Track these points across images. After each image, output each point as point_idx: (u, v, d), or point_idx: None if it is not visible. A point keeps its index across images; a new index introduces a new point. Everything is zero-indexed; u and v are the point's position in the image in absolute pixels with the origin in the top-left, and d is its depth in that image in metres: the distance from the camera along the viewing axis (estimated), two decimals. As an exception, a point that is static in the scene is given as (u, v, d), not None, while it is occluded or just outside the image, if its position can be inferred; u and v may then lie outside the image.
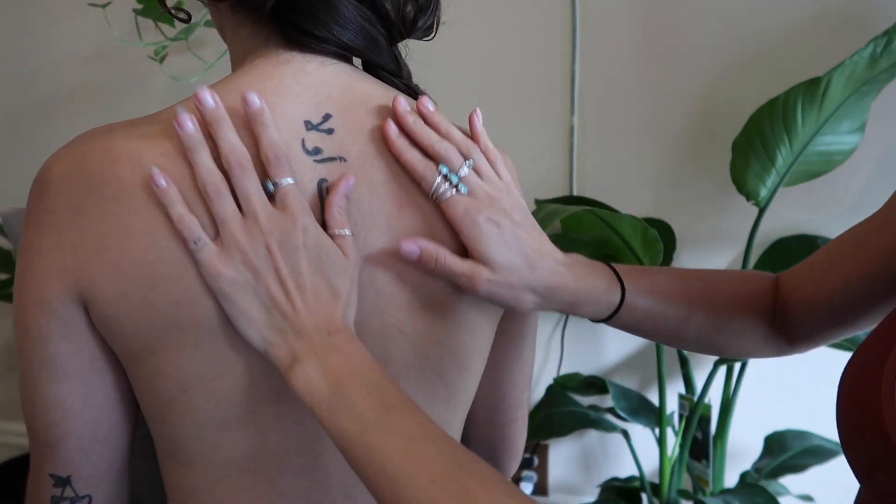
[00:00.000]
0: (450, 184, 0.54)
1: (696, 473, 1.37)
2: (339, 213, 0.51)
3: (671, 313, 0.64)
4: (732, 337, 0.67)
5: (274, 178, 0.49)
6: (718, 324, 0.66)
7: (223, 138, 0.48)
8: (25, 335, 0.50)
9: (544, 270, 0.57)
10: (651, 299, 0.63)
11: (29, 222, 0.50)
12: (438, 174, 0.54)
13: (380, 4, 0.54)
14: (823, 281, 0.63)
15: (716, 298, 0.65)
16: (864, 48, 1.14)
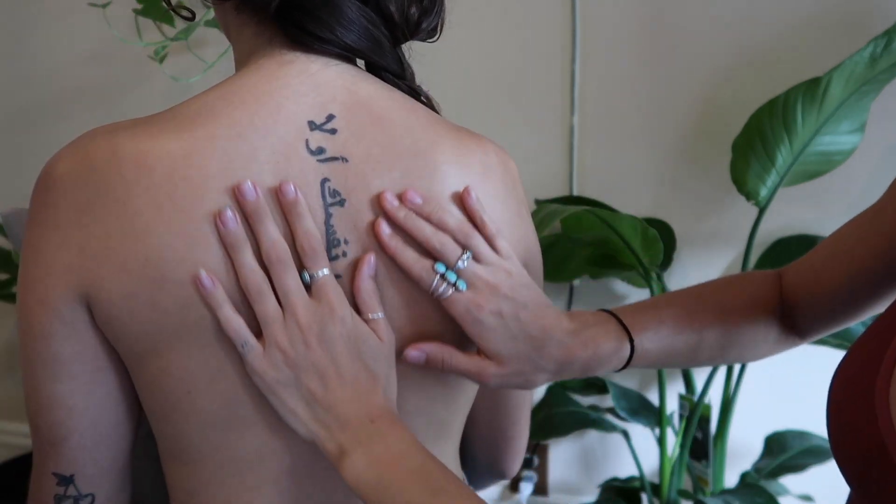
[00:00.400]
0: (448, 283, 0.54)
1: (696, 473, 1.37)
2: (368, 297, 0.52)
3: (682, 345, 0.65)
4: (746, 347, 0.68)
5: (310, 270, 0.50)
6: (730, 339, 0.66)
7: (264, 233, 0.50)
8: (29, 334, 0.50)
9: (552, 348, 0.58)
10: (661, 341, 0.64)
11: (33, 221, 0.50)
12: (435, 274, 0.54)
13: (384, 6, 0.54)
14: (826, 277, 0.63)
15: (724, 316, 0.66)
16: (864, 48, 1.14)
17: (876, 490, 0.44)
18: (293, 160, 0.51)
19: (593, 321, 0.62)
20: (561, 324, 0.59)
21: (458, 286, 0.55)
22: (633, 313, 0.64)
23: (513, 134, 1.48)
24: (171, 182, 0.48)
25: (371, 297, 0.52)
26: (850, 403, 0.47)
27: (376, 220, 0.52)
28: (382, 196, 0.52)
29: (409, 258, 0.53)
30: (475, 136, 0.59)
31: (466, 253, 0.55)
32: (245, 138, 0.50)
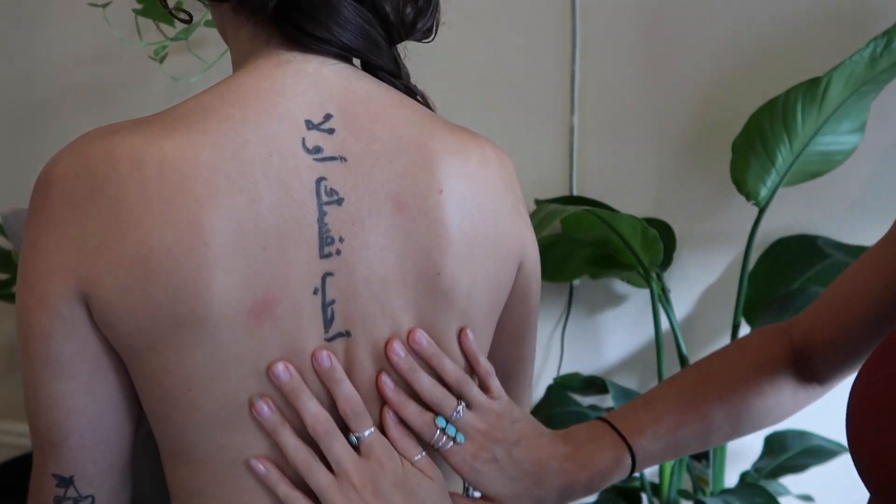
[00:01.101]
0: (447, 436, 0.58)
1: (696, 473, 1.37)
2: (405, 444, 0.56)
3: (688, 436, 0.65)
4: (762, 415, 0.67)
5: (356, 433, 0.54)
6: (741, 414, 0.66)
7: (305, 409, 0.52)
8: (28, 334, 0.50)
9: (552, 479, 0.60)
10: (662, 439, 0.64)
11: (32, 221, 0.50)
12: (436, 429, 0.57)
13: (379, 6, 0.54)
14: (846, 315, 0.62)
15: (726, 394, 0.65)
16: (864, 48, 1.14)
17: None
18: (287, 157, 0.51)
19: (587, 438, 0.63)
20: (556, 451, 0.61)
21: (456, 439, 0.58)
22: (629, 417, 0.65)
23: (513, 134, 1.48)
24: (161, 175, 0.48)
25: (408, 442, 0.56)
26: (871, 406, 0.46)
27: (379, 376, 0.55)
28: (391, 346, 0.55)
29: (411, 413, 0.56)
30: (472, 133, 0.59)
31: (461, 405, 0.58)
32: (238, 132, 0.50)
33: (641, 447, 0.63)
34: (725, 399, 0.65)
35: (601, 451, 0.62)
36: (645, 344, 1.55)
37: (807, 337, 0.65)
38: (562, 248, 1.42)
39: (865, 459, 0.46)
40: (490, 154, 0.59)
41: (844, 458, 1.36)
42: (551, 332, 1.59)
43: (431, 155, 0.55)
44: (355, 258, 0.53)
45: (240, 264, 0.49)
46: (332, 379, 0.53)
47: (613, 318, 1.56)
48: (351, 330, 0.54)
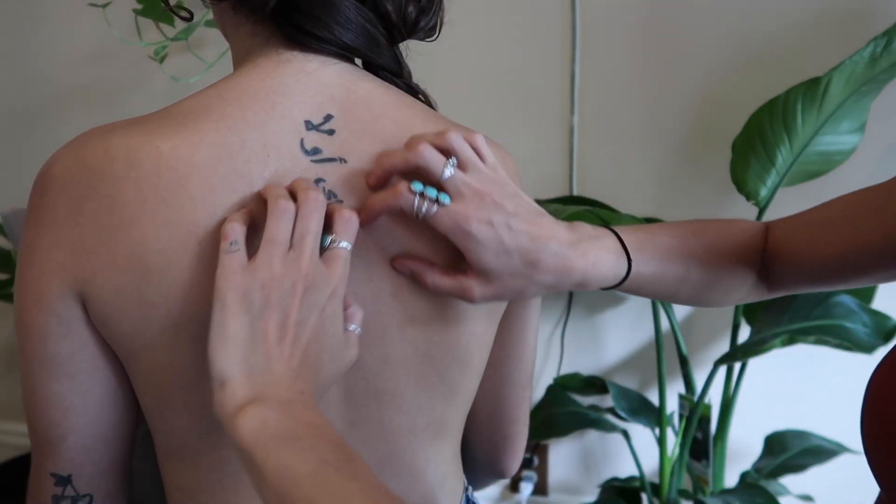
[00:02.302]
0: (429, 200, 0.52)
1: (696, 473, 1.37)
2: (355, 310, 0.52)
3: (670, 276, 0.63)
4: (723, 290, 0.66)
5: (335, 235, 0.49)
6: (712, 280, 0.64)
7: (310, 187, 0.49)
8: (26, 333, 0.50)
9: (548, 259, 0.55)
10: (654, 265, 0.61)
11: (30, 221, 0.50)
12: (413, 195, 0.51)
13: (381, 5, 0.54)
14: (820, 243, 0.61)
15: (711, 256, 0.64)
16: (864, 48, 1.14)
17: None
18: (285, 157, 0.51)
19: (593, 234, 0.59)
20: (557, 233, 0.56)
21: (440, 200, 0.52)
22: (632, 233, 0.62)
23: (513, 134, 1.48)
24: (157, 174, 0.48)
25: (358, 310, 0.52)
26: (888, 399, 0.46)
27: None
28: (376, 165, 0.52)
29: (377, 197, 0.51)
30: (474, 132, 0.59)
31: (451, 159, 0.52)
32: (235, 131, 0.50)
33: (636, 264, 0.60)
34: (708, 259, 0.64)
35: (602, 249, 0.58)
36: (645, 344, 1.55)
37: (779, 243, 0.65)
38: (561, 248, 1.42)
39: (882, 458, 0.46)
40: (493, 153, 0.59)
41: (844, 458, 1.37)
42: (551, 332, 1.59)
43: None
44: (356, 259, 0.53)
45: None
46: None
47: (613, 318, 1.56)
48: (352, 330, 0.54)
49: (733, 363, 1.32)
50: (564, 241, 0.56)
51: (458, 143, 0.53)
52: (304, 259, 0.47)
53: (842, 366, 1.30)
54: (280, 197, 0.47)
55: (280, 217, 0.47)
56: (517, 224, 0.54)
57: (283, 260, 0.47)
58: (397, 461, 0.58)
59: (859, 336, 1.21)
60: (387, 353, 0.55)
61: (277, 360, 0.46)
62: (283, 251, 0.47)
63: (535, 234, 0.54)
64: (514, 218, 0.54)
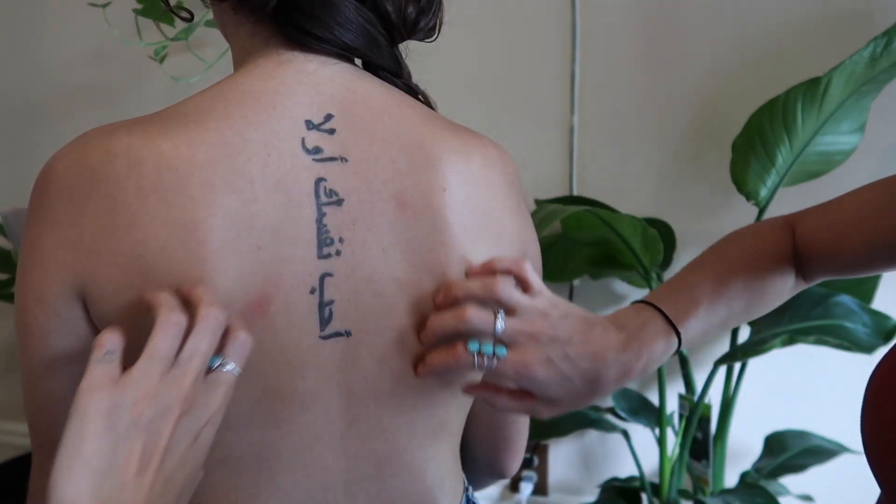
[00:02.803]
0: (486, 357, 0.53)
1: (696, 473, 1.37)
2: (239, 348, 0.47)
3: (716, 322, 0.65)
4: (768, 303, 0.68)
5: (227, 358, 0.46)
6: (756, 305, 0.67)
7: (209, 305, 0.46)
8: (26, 333, 0.50)
9: (610, 371, 0.57)
10: (699, 324, 0.63)
11: (31, 221, 0.50)
12: (471, 356, 0.53)
13: (381, 5, 0.54)
14: (844, 242, 0.64)
15: (750, 281, 0.66)
16: (864, 48, 1.14)
17: None
18: (286, 157, 0.51)
19: (639, 324, 0.60)
20: (611, 342, 0.57)
21: (497, 355, 0.53)
22: (672, 301, 0.63)
23: (513, 134, 1.48)
24: (158, 174, 0.48)
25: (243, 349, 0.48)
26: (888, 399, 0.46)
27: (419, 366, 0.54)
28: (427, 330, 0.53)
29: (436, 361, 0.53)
30: (473, 132, 0.59)
31: (500, 312, 0.54)
32: (236, 131, 0.50)
33: (685, 331, 0.61)
34: (747, 287, 0.65)
35: (654, 339, 0.60)
36: (645, 344, 1.55)
37: (806, 243, 0.67)
38: (562, 248, 1.42)
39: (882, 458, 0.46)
40: (492, 153, 0.59)
41: (844, 458, 1.37)
42: (551, 332, 1.59)
43: (434, 154, 0.55)
44: (356, 259, 0.53)
45: (234, 263, 0.49)
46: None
47: (613, 318, 1.56)
48: (351, 329, 0.54)
49: (733, 363, 1.32)
50: (618, 348, 0.58)
51: (506, 293, 0.54)
52: (188, 380, 0.43)
53: (842, 366, 1.30)
54: (173, 309, 0.44)
55: (168, 331, 0.44)
56: (573, 351, 0.55)
57: (163, 378, 0.42)
58: (397, 461, 0.58)
59: (859, 336, 1.21)
60: (386, 355, 0.55)
61: (134, 492, 0.41)
62: (163, 368, 0.43)
63: (592, 353, 0.56)
64: (569, 345, 0.55)
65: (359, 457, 0.56)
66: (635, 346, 0.58)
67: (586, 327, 0.57)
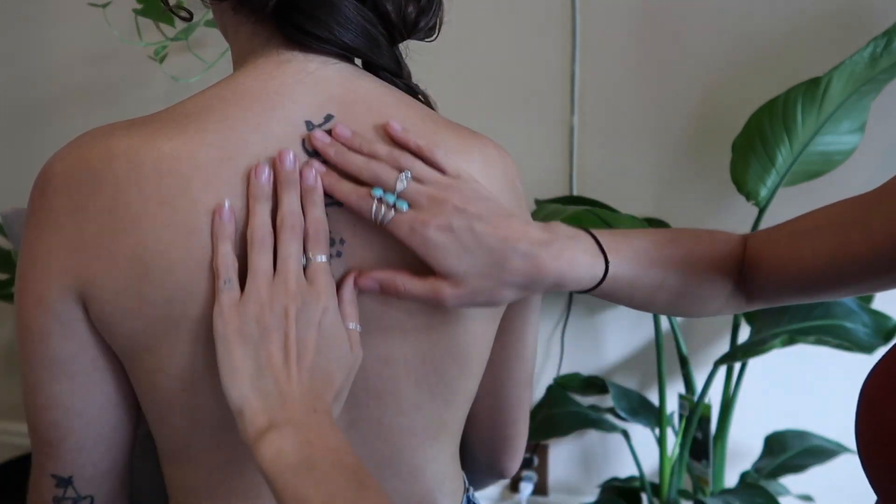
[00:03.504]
0: (386, 205, 0.51)
1: (696, 473, 1.37)
2: (350, 307, 0.52)
3: (647, 282, 0.61)
4: (699, 301, 0.65)
5: (310, 253, 0.50)
6: (688, 290, 0.64)
7: (288, 201, 0.50)
8: (26, 334, 0.50)
9: (517, 260, 0.53)
10: (631, 269, 0.60)
11: (31, 221, 0.50)
12: (372, 200, 0.51)
13: (381, 5, 0.54)
14: (804, 252, 0.60)
15: (689, 265, 0.63)
16: (864, 48, 1.14)
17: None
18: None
19: (569, 234, 0.57)
20: (528, 234, 0.54)
21: (398, 207, 0.51)
22: (609, 235, 0.60)
23: (513, 134, 1.48)
24: (159, 176, 0.48)
25: (353, 307, 0.52)
26: (882, 406, 0.46)
27: (310, 161, 0.51)
28: (311, 137, 0.51)
29: (344, 189, 0.51)
30: (474, 132, 0.59)
31: (405, 173, 0.52)
32: (236, 132, 0.50)
33: (613, 266, 0.58)
34: (686, 268, 0.63)
35: (579, 251, 0.57)
36: (645, 344, 1.55)
37: (759, 252, 0.64)
38: (562, 248, 1.42)
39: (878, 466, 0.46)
40: (493, 153, 0.59)
41: (844, 458, 1.37)
42: (551, 332, 1.59)
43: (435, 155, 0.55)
44: (356, 259, 0.53)
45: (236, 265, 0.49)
46: (310, 199, 0.50)
47: (613, 318, 1.56)
48: None
49: (733, 363, 1.32)
50: (536, 242, 0.54)
51: (408, 162, 0.53)
52: (290, 282, 0.49)
53: (842, 366, 1.30)
54: (259, 228, 0.49)
55: (262, 245, 0.49)
56: (481, 227, 0.53)
57: (270, 287, 0.49)
58: (397, 461, 0.58)
59: (859, 336, 1.21)
60: (387, 353, 0.55)
61: (286, 381, 0.47)
62: (268, 280, 0.49)
63: (502, 236, 0.53)
64: (477, 221, 0.53)
65: (360, 457, 0.56)
66: (556, 246, 0.55)
67: (504, 214, 0.54)
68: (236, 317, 0.48)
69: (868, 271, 0.56)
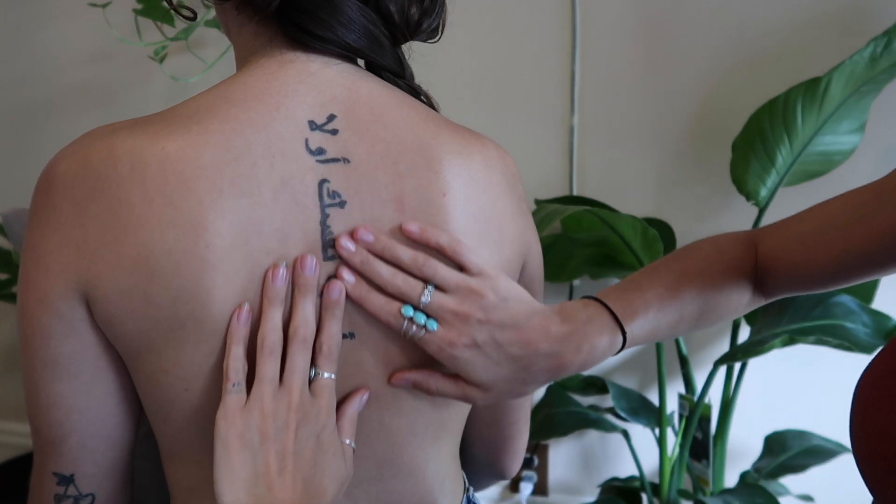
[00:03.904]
0: (416, 325, 0.53)
1: (696, 473, 1.37)
2: (349, 424, 0.53)
3: (665, 325, 0.63)
4: (720, 313, 0.67)
5: (320, 368, 0.52)
6: (708, 309, 0.65)
7: (302, 308, 0.51)
8: (29, 333, 0.50)
9: (541, 362, 0.56)
10: (648, 324, 0.62)
11: (33, 222, 0.50)
12: (403, 319, 0.53)
13: (383, 6, 0.54)
14: (817, 250, 0.62)
15: (704, 289, 0.64)
16: (864, 48, 1.14)
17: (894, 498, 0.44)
18: (290, 158, 0.51)
19: (584, 318, 0.59)
20: (549, 332, 0.56)
21: (427, 327, 0.53)
22: (621, 299, 0.62)
23: (513, 134, 1.48)
24: (163, 176, 0.48)
25: (351, 423, 0.54)
26: (876, 405, 0.46)
27: (338, 270, 0.52)
28: (338, 242, 0.52)
29: (375, 305, 0.53)
30: (474, 133, 0.59)
31: (428, 287, 0.53)
32: (240, 133, 0.50)
33: (631, 331, 0.60)
34: (700, 294, 0.64)
35: (597, 334, 0.58)
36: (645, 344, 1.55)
37: (772, 257, 0.65)
38: (562, 248, 1.42)
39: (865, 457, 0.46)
40: (493, 154, 0.59)
41: (844, 458, 1.37)
42: (551, 332, 1.59)
43: (435, 156, 0.55)
44: None
45: (240, 266, 0.49)
46: (329, 313, 0.51)
47: (613, 318, 1.56)
48: (355, 332, 0.54)
49: (733, 363, 1.32)
50: (556, 339, 0.56)
51: (430, 269, 0.54)
52: (294, 395, 0.50)
53: (842, 366, 1.30)
54: (270, 334, 0.50)
55: (271, 353, 0.50)
56: (504, 336, 0.55)
57: (275, 397, 0.50)
58: (397, 461, 0.58)
59: (859, 336, 1.21)
60: (388, 354, 0.55)
61: (280, 490, 0.48)
62: (273, 388, 0.50)
63: (524, 341, 0.55)
64: (500, 330, 0.55)
65: (359, 457, 0.56)
66: (576, 339, 0.57)
67: (525, 314, 0.56)
68: (240, 422, 0.49)
69: (874, 262, 0.59)
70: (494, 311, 0.55)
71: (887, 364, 0.46)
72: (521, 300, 0.57)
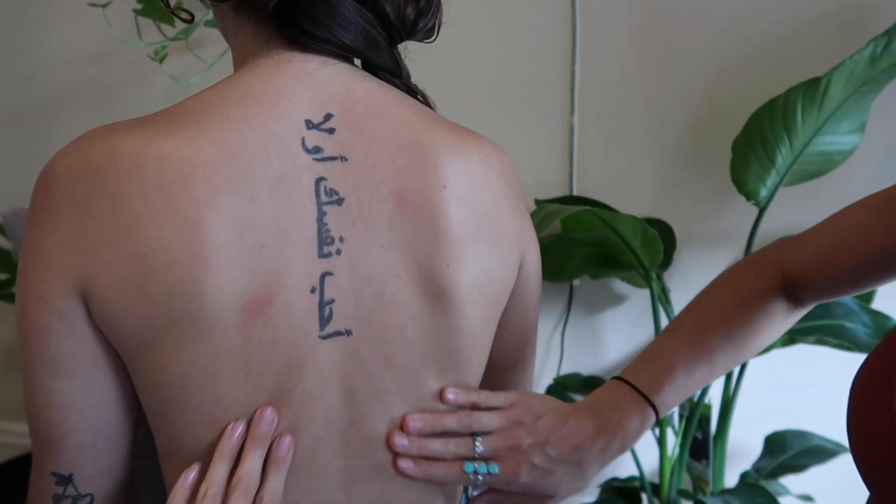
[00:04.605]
0: (481, 476, 0.59)
1: (696, 473, 1.37)
2: None
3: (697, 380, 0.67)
4: (757, 345, 0.70)
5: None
6: (741, 346, 0.68)
7: (250, 460, 0.52)
8: (28, 332, 0.51)
9: (590, 457, 0.62)
10: (677, 389, 0.66)
11: (32, 220, 0.50)
12: (468, 476, 0.58)
13: (380, 6, 0.54)
14: (833, 264, 0.65)
15: (730, 331, 0.67)
16: (864, 48, 1.14)
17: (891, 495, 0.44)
18: (286, 157, 0.51)
19: (612, 405, 0.64)
20: (587, 432, 0.62)
21: (490, 472, 0.59)
22: (645, 373, 0.66)
23: (513, 134, 1.48)
24: (161, 174, 0.48)
25: None
26: (870, 403, 0.47)
27: (397, 462, 0.57)
28: (392, 441, 0.56)
29: (439, 474, 0.57)
30: (473, 132, 0.60)
31: (477, 438, 0.59)
32: (237, 131, 0.50)
33: (661, 401, 0.65)
34: (727, 338, 0.67)
35: (628, 416, 0.63)
36: (645, 344, 1.55)
37: (800, 271, 0.68)
38: (562, 248, 1.42)
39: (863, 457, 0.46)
40: (491, 153, 0.59)
41: (844, 458, 1.37)
42: (551, 332, 1.59)
43: (433, 153, 0.55)
44: (357, 257, 0.53)
45: (236, 263, 0.49)
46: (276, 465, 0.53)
47: (613, 318, 1.56)
48: (353, 329, 0.54)
49: (746, 359, 1.32)
50: (594, 436, 0.62)
51: (476, 424, 0.59)
52: None
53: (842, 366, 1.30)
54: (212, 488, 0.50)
55: None
56: (554, 450, 0.61)
57: None
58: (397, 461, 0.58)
59: (859, 336, 1.21)
60: (387, 354, 0.55)
61: None
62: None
63: (571, 447, 0.61)
64: (548, 446, 0.61)
65: (358, 457, 0.56)
66: (610, 429, 0.63)
67: (561, 422, 0.62)
68: None
69: (891, 268, 0.62)
70: (536, 432, 0.60)
71: (882, 362, 0.47)
72: (552, 409, 0.62)
